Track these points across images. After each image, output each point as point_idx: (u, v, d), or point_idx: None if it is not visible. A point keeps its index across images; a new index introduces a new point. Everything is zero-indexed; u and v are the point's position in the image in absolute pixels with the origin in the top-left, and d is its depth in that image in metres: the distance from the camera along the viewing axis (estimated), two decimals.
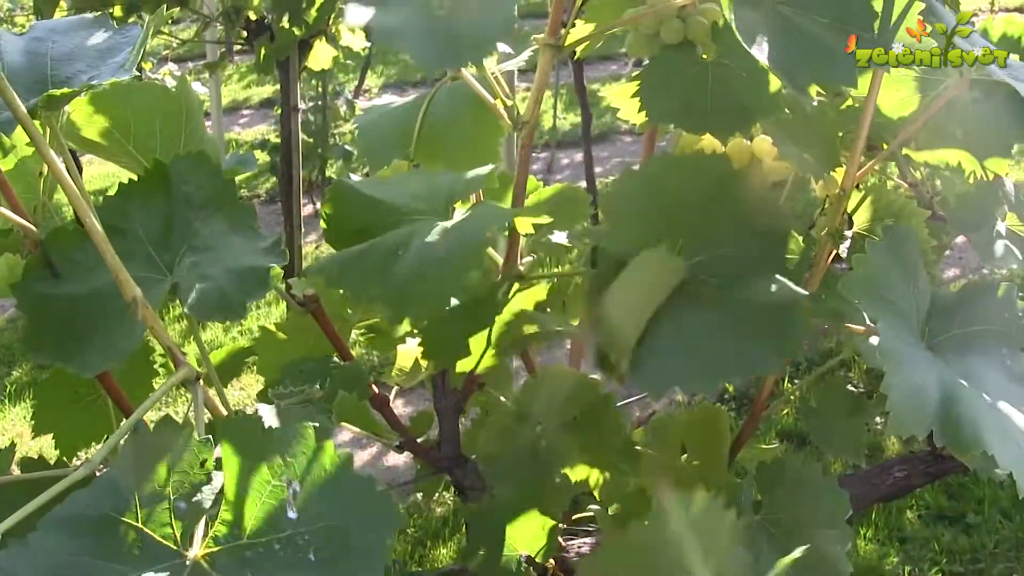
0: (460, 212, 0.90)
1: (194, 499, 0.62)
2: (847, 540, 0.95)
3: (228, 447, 0.63)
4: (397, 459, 3.10)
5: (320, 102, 4.90)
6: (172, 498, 0.62)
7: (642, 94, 0.88)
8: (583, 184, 3.81)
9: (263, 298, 0.80)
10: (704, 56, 0.88)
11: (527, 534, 0.98)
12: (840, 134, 1.01)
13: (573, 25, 0.95)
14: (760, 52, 0.75)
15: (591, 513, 1.02)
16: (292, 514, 0.61)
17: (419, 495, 1.16)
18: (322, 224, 0.93)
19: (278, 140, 4.98)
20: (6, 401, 3.73)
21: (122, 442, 0.69)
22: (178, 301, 0.80)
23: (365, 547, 0.60)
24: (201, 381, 0.74)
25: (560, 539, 1.02)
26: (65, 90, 0.74)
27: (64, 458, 1.07)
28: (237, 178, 0.94)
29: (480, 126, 0.99)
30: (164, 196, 0.85)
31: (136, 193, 0.85)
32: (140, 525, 0.61)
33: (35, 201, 0.89)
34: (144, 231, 0.84)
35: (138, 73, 0.77)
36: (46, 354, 0.80)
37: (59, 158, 0.76)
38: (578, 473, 0.91)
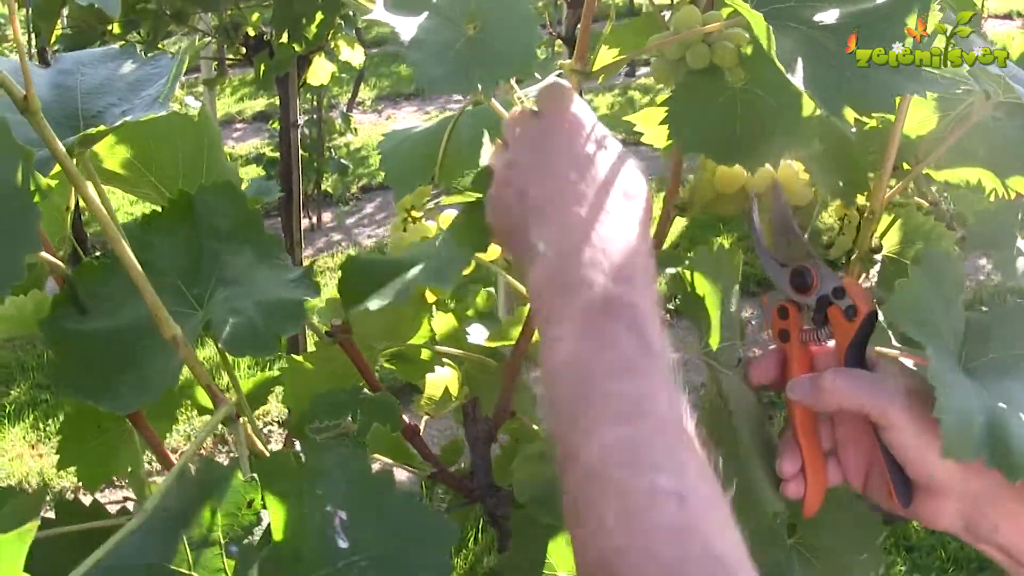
0: None
1: (245, 541, 0.61)
2: (878, 565, 0.95)
3: (266, 485, 0.63)
4: (400, 475, 3.08)
5: (315, 115, 4.89)
6: (223, 542, 0.61)
7: (670, 122, 0.87)
8: None
9: (296, 331, 0.79)
10: (731, 82, 0.87)
11: (571, 557, 0.97)
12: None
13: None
14: (796, 77, 0.74)
15: None
16: (343, 543, 0.61)
17: None
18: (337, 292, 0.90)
19: (273, 154, 4.98)
20: (6, 421, 3.71)
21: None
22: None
23: (425, 568, 0.60)
24: (242, 419, 0.73)
25: None
26: (101, 127, 0.73)
27: (85, 490, 1.06)
28: None
29: None
30: (189, 227, 0.84)
31: (160, 224, 0.84)
32: (191, 573, 0.60)
33: (60, 235, 0.88)
34: (170, 263, 0.82)
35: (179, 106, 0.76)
36: (75, 391, 0.79)
37: (93, 191, 0.75)
38: None
